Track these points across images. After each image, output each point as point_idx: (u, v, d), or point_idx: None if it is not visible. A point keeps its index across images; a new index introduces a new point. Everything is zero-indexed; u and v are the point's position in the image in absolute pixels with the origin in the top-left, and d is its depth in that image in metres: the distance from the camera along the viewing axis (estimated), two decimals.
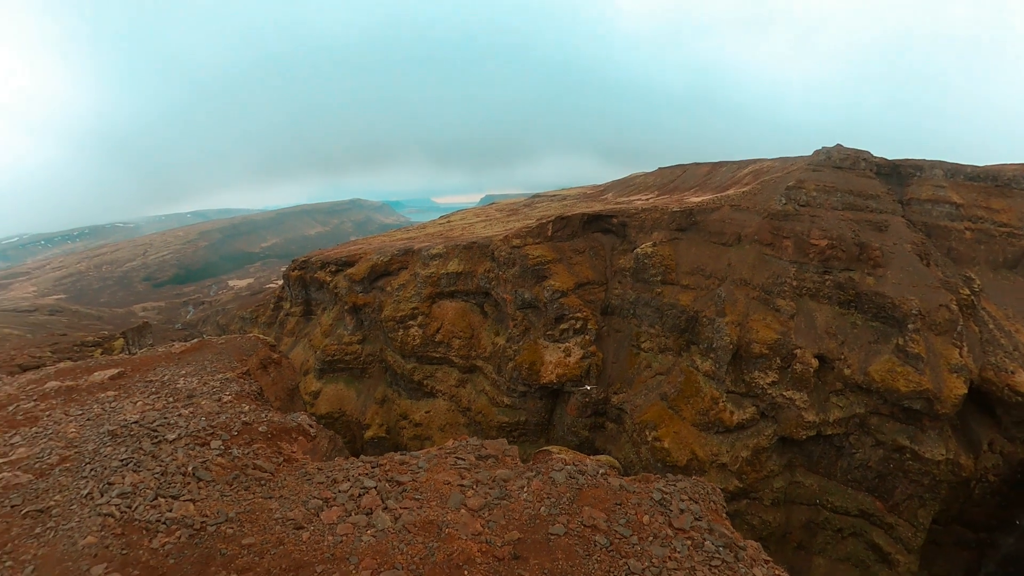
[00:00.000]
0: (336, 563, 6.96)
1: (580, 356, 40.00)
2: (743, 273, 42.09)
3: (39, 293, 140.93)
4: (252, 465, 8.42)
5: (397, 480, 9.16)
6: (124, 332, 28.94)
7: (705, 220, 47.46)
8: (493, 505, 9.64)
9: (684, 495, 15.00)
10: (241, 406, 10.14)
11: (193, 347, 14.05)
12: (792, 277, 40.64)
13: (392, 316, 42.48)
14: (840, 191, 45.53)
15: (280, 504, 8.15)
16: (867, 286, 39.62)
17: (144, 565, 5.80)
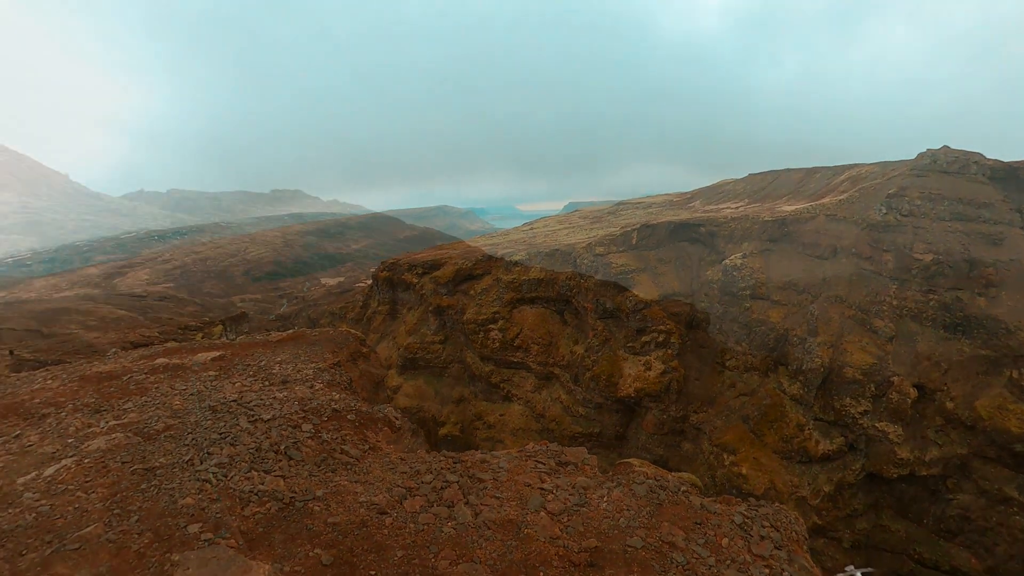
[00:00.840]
0: (416, 550, 7.07)
1: (661, 371, 38.90)
2: (838, 289, 39.34)
3: (150, 281, 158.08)
4: (340, 450, 8.72)
5: (479, 477, 9.23)
6: (223, 320, 30.81)
7: (798, 231, 44.75)
8: (572, 511, 9.58)
9: (766, 521, 14.33)
10: (331, 394, 10.50)
11: (288, 337, 14.63)
12: (892, 295, 37.36)
13: (474, 319, 42.83)
14: (948, 199, 41.21)
15: (365, 488, 8.38)
16: (977, 308, 36.08)
17: (236, 530, 6.10)
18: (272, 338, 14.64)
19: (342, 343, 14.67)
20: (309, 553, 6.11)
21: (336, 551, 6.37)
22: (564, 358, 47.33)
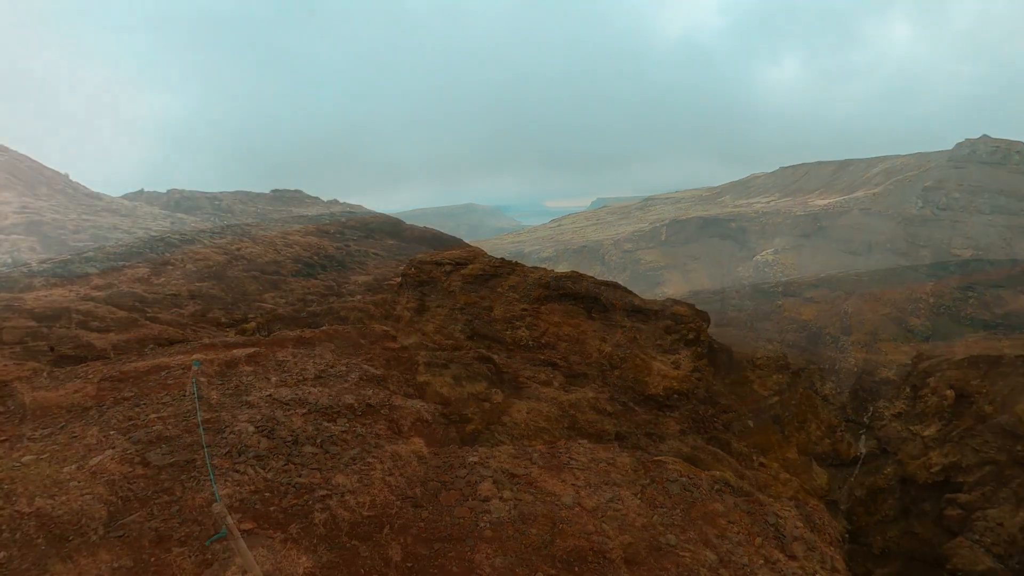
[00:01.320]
0: (453, 543, 7.12)
1: (690, 369, 38.41)
2: (873, 286, 38.22)
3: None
4: (374, 443, 8.84)
5: (512, 472, 9.26)
6: (256, 317, 31.47)
7: (831, 225, 43.58)
8: (606, 507, 9.56)
9: (800, 522, 14.10)
10: (365, 390, 10.66)
11: (321, 334, 14.84)
12: (929, 293, 36.14)
13: (501, 316, 42.94)
14: (988, 191, 39.59)
15: (400, 482, 8.43)
16: (1020, 305, 34.72)
17: (274, 520, 6.22)
18: (305, 335, 14.85)
19: (373, 340, 14.87)
20: (346, 545, 6.17)
21: (372, 543, 6.43)
22: (592, 356, 47.10)
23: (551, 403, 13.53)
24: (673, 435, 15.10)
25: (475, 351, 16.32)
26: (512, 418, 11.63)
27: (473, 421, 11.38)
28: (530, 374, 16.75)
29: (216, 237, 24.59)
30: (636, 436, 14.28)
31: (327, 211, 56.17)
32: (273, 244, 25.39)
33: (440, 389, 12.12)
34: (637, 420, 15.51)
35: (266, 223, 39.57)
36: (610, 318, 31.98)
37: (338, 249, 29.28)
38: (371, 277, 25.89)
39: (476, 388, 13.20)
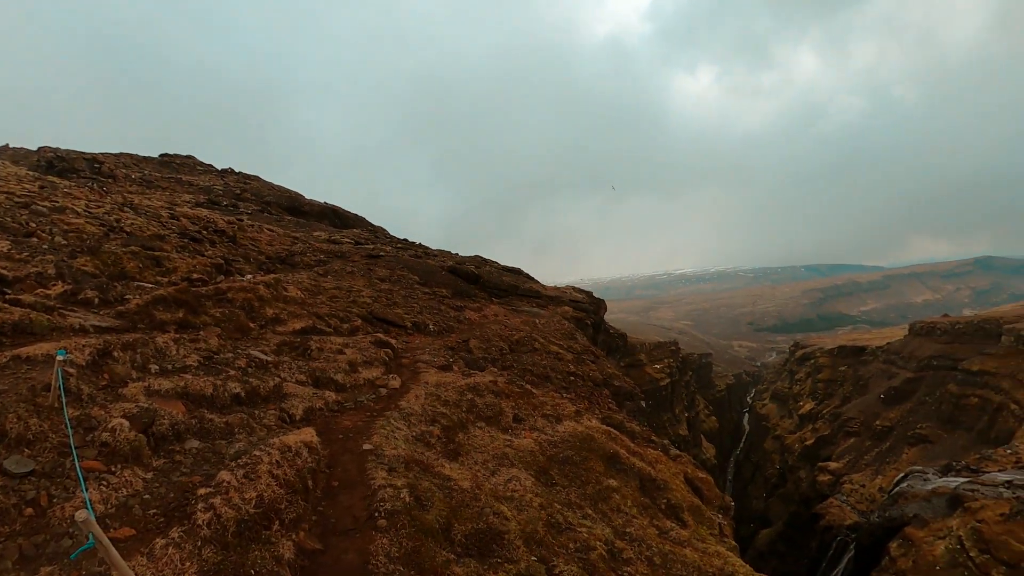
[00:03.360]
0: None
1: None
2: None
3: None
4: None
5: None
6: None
7: None
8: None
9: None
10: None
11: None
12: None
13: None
14: None
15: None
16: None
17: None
18: (189, 318, 14.04)
19: (264, 323, 14.40)
20: (234, 545, 5.90)
21: (261, 542, 6.16)
22: (493, 340, 47.21)
23: (450, 388, 13.51)
24: (569, 416, 15.50)
25: (373, 335, 16.02)
26: (409, 404, 11.51)
27: (369, 408, 11.15)
28: (429, 359, 16.65)
29: (92, 205, 22.55)
30: (534, 418, 14.55)
31: (220, 181, 52.78)
32: (158, 216, 23.67)
33: (334, 376, 11.79)
34: (535, 403, 15.79)
35: (152, 191, 36.76)
36: (512, 303, 32.45)
37: (230, 223, 27.76)
38: (264, 255, 24.79)
39: (373, 374, 12.96)
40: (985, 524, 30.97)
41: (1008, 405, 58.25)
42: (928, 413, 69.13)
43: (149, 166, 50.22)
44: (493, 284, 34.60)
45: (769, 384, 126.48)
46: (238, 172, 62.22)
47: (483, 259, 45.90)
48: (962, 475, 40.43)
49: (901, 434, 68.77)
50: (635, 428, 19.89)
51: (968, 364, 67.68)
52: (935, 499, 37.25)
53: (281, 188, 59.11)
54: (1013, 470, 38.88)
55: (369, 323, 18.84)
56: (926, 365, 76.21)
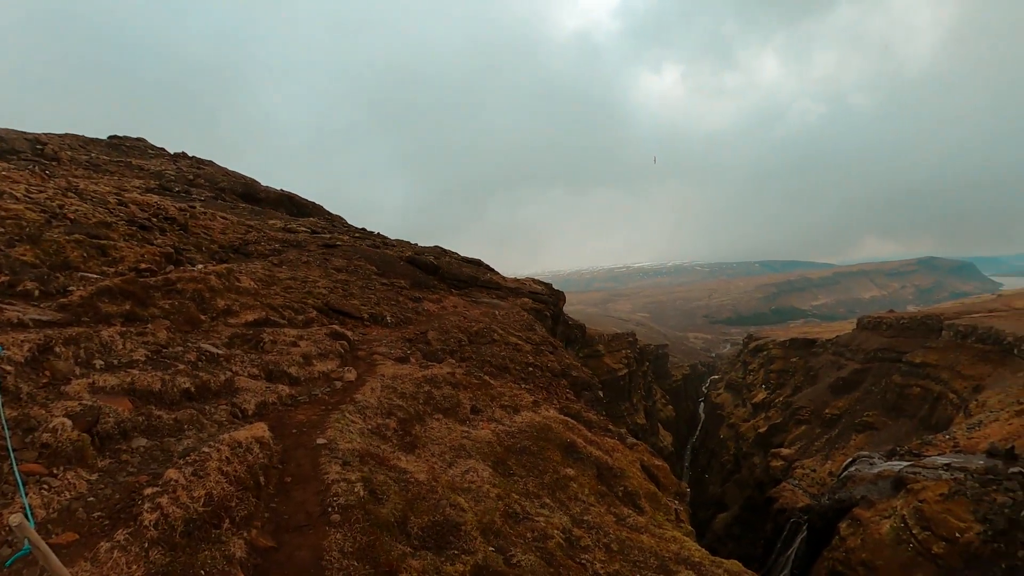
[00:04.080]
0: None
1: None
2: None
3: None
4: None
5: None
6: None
7: None
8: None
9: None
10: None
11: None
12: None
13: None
14: None
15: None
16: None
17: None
18: (137, 310, 13.61)
19: (215, 315, 14.07)
20: (182, 545, 5.77)
21: (211, 541, 6.04)
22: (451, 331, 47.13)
23: (407, 380, 13.43)
24: (527, 406, 15.59)
25: (328, 327, 15.80)
26: (365, 397, 11.40)
27: (323, 401, 11.01)
28: (386, 350, 16.51)
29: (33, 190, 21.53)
30: (492, 409, 14.58)
31: (173, 165, 50.96)
32: (105, 202, 22.79)
33: (288, 369, 11.59)
34: (493, 393, 15.83)
35: (99, 175, 35.34)
36: (471, 294, 32.36)
37: (181, 211, 26.94)
38: (217, 244, 24.16)
39: (328, 366, 12.79)
40: (926, 503, 32.85)
41: (947, 395, 61.60)
42: (874, 402, 72.56)
43: (96, 148, 48.25)
44: (452, 275, 34.44)
45: (724, 374, 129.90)
46: (192, 156, 60.28)
47: (443, 250, 45.63)
48: (905, 459, 42.48)
49: (849, 422, 71.95)
50: (592, 417, 20.11)
51: (911, 356, 71.15)
52: (881, 482, 39.22)
53: (236, 174, 57.48)
54: (951, 454, 40.93)
55: (325, 315, 18.57)
56: (872, 357, 79.63)
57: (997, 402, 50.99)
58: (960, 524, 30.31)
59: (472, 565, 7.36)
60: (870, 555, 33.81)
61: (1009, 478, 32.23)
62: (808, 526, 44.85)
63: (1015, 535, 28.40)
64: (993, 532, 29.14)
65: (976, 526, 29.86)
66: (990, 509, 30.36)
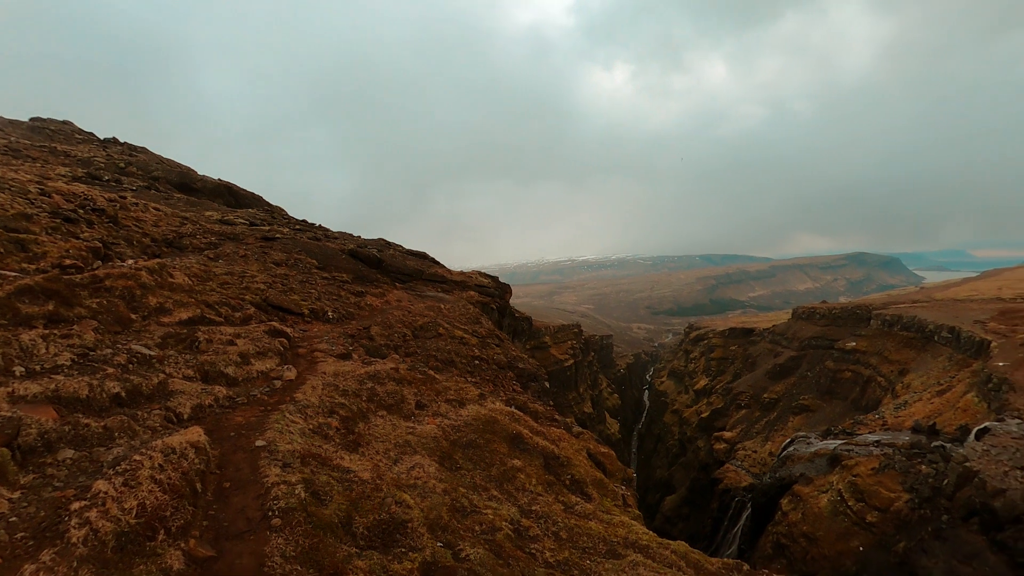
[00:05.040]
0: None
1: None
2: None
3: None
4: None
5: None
6: None
7: None
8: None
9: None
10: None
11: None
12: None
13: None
14: None
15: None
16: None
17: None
18: (61, 310, 12.94)
19: (147, 314, 13.50)
20: (114, 561, 5.51)
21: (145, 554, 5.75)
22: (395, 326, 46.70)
23: (349, 377, 13.22)
24: (473, 400, 15.59)
25: (267, 324, 15.39)
26: (306, 396, 11.17)
27: (263, 402, 10.74)
28: (327, 347, 16.21)
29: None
30: (437, 403, 14.52)
31: (102, 152, 48.28)
32: (25, 191, 21.53)
33: (225, 369, 11.24)
34: (438, 388, 15.76)
35: (19, 161, 33.30)
36: (416, 288, 32.02)
37: (111, 201, 25.68)
38: (150, 238, 23.20)
39: (267, 365, 12.46)
40: (859, 477, 35.44)
41: (876, 378, 66.26)
42: (809, 386, 76.69)
43: (16, 132, 45.42)
44: (396, 268, 34.03)
45: (666, 363, 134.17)
46: (123, 143, 57.37)
47: (387, 242, 45.03)
48: (839, 438, 45.03)
49: (786, 405, 75.77)
50: (539, 408, 20.25)
51: (843, 344, 76.19)
52: (817, 459, 41.57)
53: (172, 162, 55.07)
54: (880, 432, 43.55)
55: (263, 311, 18.10)
56: (807, 345, 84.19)
57: (920, 384, 54.35)
58: (890, 494, 32.54)
59: (420, 562, 7.33)
60: (811, 527, 35.98)
61: (931, 451, 34.88)
62: (752, 503, 46.97)
63: (938, 501, 30.80)
64: (919, 500, 31.71)
65: (904, 495, 32.32)
66: (916, 480, 32.96)
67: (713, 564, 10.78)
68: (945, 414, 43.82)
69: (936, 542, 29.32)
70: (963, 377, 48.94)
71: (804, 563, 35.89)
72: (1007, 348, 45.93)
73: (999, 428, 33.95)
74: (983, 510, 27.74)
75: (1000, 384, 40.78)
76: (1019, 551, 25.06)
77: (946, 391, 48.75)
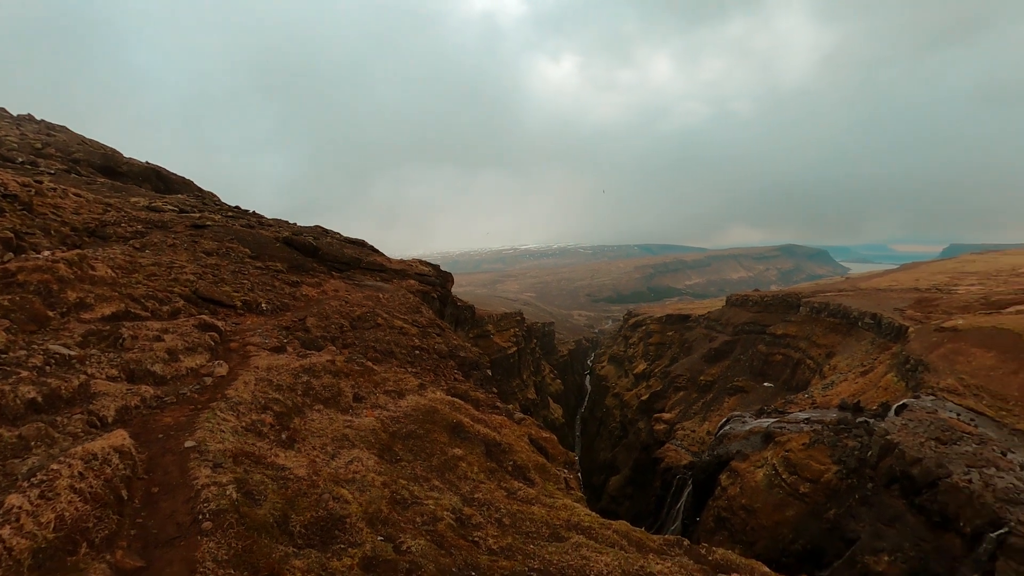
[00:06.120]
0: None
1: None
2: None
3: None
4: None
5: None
6: None
7: None
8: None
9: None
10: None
11: None
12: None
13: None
14: None
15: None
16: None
17: None
18: None
19: (66, 310, 12.83)
20: None
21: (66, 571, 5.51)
22: (332, 317, 46.14)
23: (284, 371, 12.93)
24: (413, 390, 15.51)
25: (197, 318, 14.86)
26: (238, 392, 10.87)
27: (193, 400, 10.40)
28: (261, 340, 15.79)
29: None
30: (376, 395, 14.39)
31: (16, 131, 45.25)
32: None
33: (152, 367, 10.81)
34: (376, 379, 15.61)
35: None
36: (354, 277, 31.46)
37: (25, 186, 24.16)
38: (69, 226, 22.01)
39: (197, 361, 12.05)
40: (792, 452, 38.08)
41: (805, 361, 70.61)
42: (743, 369, 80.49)
43: None
44: (334, 257, 33.38)
45: (606, 348, 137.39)
46: (40, 120, 54.01)
47: (324, 230, 44.09)
48: (772, 416, 47.51)
49: (722, 387, 79.33)
50: (480, 396, 20.32)
51: (774, 329, 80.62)
52: (752, 437, 43.81)
53: (95, 143, 52.16)
54: (810, 410, 46.17)
55: (193, 304, 17.47)
56: (740, 330, 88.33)
57: (845, 366, 57.53)
58: (820, 467, 34.92)
59: (360, 558, 7.27)
60: (748, 500, 38.10)
61: (856, 426, 37.69)
62: (693, 480, 49.00)
63: (864, 471, 33.44)
64: (847, 471, 34.37)
65: (833, 467, 35.10)
66: (843, 453, 35.69)
67: (655, 541, 11.07)
68: (868, 393, 46.75)
69: (863, 508, 31.69)
70: (884, 359, 52.24)
71: (744, 534, 38.05)
72: (923, 333, 49.04)
73: (916, 404, 36.57)
74: (903, 477, 30.05)
75: (916, 365, 43.71)
76: (935, 512, 27.24)
77: (869, 372, 51.89)
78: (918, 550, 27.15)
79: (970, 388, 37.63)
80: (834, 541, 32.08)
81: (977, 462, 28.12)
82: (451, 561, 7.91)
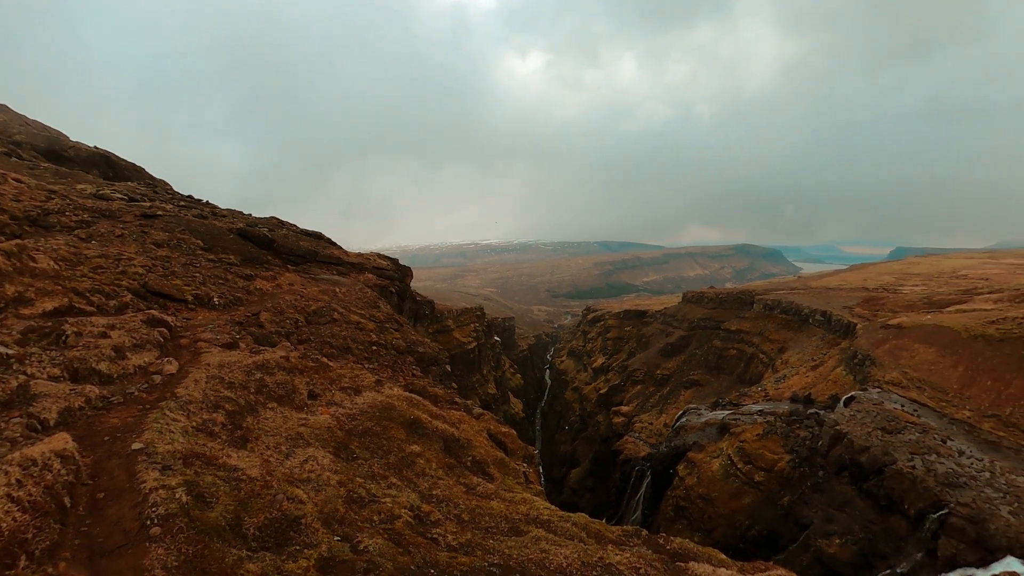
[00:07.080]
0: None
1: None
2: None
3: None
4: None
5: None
6: None
7: None
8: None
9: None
10: None
11: None
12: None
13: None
14: None
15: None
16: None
17: None
18: None
19: (3, 306, 12.29)
20: None
21: None
22: (286, 312, 45.24)
23: (236, 368, 12.62)
24: (369, 387, 15.34)
25: (146, 313, 14.38)
26: (188, 390, 10.57)
27: (141, 400, 10.06)
28: (212, 336, 15.38)
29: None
30: (331, 392, 14.18)
31: None
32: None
33: (97, 365, 10.41)
34: (332, 376, 15.38)
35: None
36: (310, 271, 30.85)
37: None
38: (8, 215, 21.08)
39: (145, 359, 11.65)
40: (746, 443, 39.74)
41: (758, 355, 72.97)
42: (698, 363, 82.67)
43: None
44: (289, 250, 32.72)
45: (566, 343, 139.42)
46: None
47: (280, 221, 43.18)
48: (727, 408, 49.05)
49: (678, 380, 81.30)
50: (438, 392, 20.22)
51: (728, 325, 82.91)
52: (708, 428, 45.27)
53: (39, 125, 49.87)
54: (763, 402, 47.72)
55: (142, 298, 16.92)
56: (696, 325, 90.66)
57: (797, 360, 59.37)
58: (774, 456, 36.36)
59: (316, 559, 7.14)
60: (705, 489, 39.46)
61: (807, 417, 39.92)
62: (651, 471, 50.08)
63: (815, 460, 34.91)
64: (799, 460, 35.94)
65: (786, 456, 36.61)
66: (796, 442, 37.26)
67: (613, 532, 11.19)
68: (818, 386, 48.42)
69: (815, 494, 33.06)
70: (833, 354, 54.18)
71: (702, 522, 39.23)
72: (870, 330, 51.03)
73: (863, 396, 38.16)
74: (852, 465, 31.44)
75: (864, 360, 45.48)
76: (882, 496, 28.63)
77: (819, 366, 53.71)
78: (867, 532, 28.45)
79: (913, 381, 39.28)
80: (788, 526, 33.30)
81: (920, 449, 29.51)
82: (409, 559, 7.84)
